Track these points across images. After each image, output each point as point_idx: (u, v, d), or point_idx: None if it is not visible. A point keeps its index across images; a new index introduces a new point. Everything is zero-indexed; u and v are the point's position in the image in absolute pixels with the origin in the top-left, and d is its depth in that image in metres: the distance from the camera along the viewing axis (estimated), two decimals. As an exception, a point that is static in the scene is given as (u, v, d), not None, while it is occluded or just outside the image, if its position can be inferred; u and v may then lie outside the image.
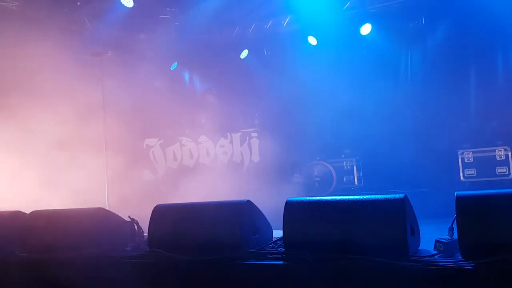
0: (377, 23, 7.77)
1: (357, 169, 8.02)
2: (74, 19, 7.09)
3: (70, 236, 3.26)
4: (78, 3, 7.09)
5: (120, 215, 3.47)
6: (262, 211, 3.11)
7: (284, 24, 8.75)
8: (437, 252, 2.48)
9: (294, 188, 6.71)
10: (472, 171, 6.81)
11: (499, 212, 2.26)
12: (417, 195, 6.20)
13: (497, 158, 6.68)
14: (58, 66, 5.57)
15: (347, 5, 7.92)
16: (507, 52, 7.41)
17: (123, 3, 7.15)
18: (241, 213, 2.85)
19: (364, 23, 7.79)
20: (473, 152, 6.85)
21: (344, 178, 7.97)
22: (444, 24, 7.50)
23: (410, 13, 7.64)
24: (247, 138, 7.13)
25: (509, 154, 6.62)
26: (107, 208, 4.49)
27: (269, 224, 3.14)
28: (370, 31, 7.83)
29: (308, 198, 2.83)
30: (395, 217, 2.47)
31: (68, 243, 3.23)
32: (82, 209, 3.52)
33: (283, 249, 2.75)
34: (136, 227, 3.39)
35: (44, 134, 5.19)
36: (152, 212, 3.14)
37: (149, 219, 3.15)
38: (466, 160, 6.88)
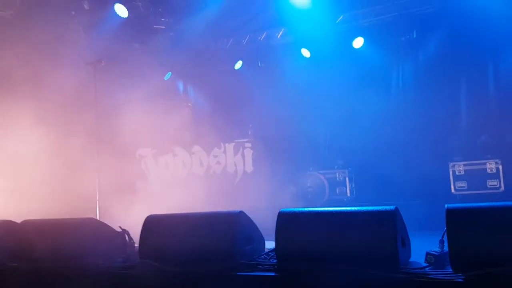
0: (369, 37, 7.87)
1: (349, 181, 8.05)
2: (69, 28, 7.10)
3: (61, 246, 3.24)
4: (73, 13, 7.12)
5: (111, 225, 3.46)
6: (255, 222, 3.11)
7: (278, 36, 8.83)
8: (427, 264, 2.49)
9: (287, 198, 6.70)
10: (463, 184, 6.85)
11: (489, 225, 2.28)
12: (409, 207, 6.24)
13: (488, 171, 6.73)
14: (52, 75, 5.56)
15: (340, 18, 8.03)
16: (498, 66, 7.52)
17: (117, 13, 7.19)
18: (234, 223, 2.85)
19: (357, 36, 7.89)
20: (464, 165, 6.89)
21: (337, 190, 7.98)
22: (435, 38, 7.61)
23: (402, 27, 7.74)
24: (241, 148, 7.14)
25: (500, 167, 6.66)
26: (98, 218, 4.48)
27: (261, 235, 3.14)
28: (363, 45, 7.93)
29: (300, 209, 2.84)
30: (386, 229, 2.49)
31: (59, 253, 3.21)
32: (73, 219, 3.51)
33: (275, 261, 2.74)
34: (127, 237, 3.37)
35: (35, 143, 5.16)
36: (144, 222, 3.13)
37: (140, 230, 3.14)
38: (457, 173, 6.92)
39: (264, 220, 3.33)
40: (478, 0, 6.96)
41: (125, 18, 7.27)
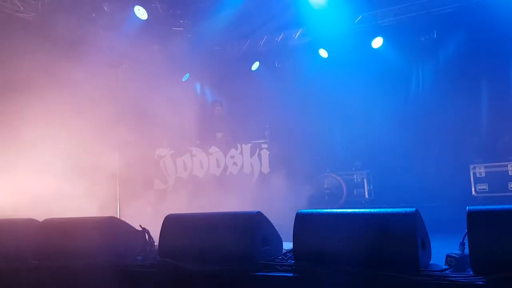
0: (388, 37, 7.81)
1: (367, 182, 7.99)
2: (89, 30, 7.23)
3: (82, 244, 3.29)
4: (93, 15, 7.24)
5: (131, 224, 3.51)
6: (272, 223, 3.12)
7: (296, 37, 8.82)
8: (448, 267, 2.46)
9: (304, 200, 6.69)
10: (484, 186, 6.74)
11: (511, 227, 2.24)
12: (429, 210, 6.17)
13: (510, 173, 6.62)
14: (72, 77, 5.67)
15: (358, 18, 7.98)
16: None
17: (137, 15, 7.29)
18: (252, 224, 2.86)
19: (376, 36, 7.83)
20: (485, 167, 6.79)
21: (355, 191, 7.94)
22: (456, 38, 7.51)
23: (421, 27, 7.66)
24: (257, 149, 7.15)
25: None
26: (118, 217, 4.55)
27: (279, 235, 3.15)
28: (382, 45, 7.87)
29: (318, 210, 2.83)
30: (406, 231, 2.46)
31: (80, 251, 3.26)
32: (94, 217, 3.56)
33: (293, 261, 2.75)
34: (147, 236, 3.41)
35: (57, 143, 5.27)
36: (163, 221, 3.17)
37: (160, 229, 3.17)
38: (478, 175, 6.82)
39: (281, 221, 3.34)
40: (498, 1, 6.85)
41: (144, 20, 7.36)
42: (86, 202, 4.89)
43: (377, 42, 7.85)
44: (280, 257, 2.90)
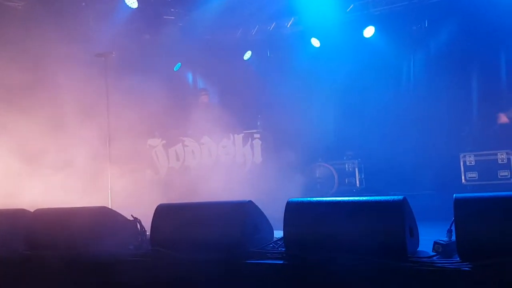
0: (380, 26, 7.81)
1: (359, 171, 8.06)
2: (79, 19, 7.14)
3: (73, 234, 3.30)
4: (83, 4, 7.16)
5: (123, 214, 3.52)
6: (264, 212, 3.14)
7: (288, 26, 8.80)
8: (435, 253, 2.51)
9: (295, 189, 6.73)
10: (474, 175, 6.83)
11: (497, 214, 2.29)
12: (419, 198, 6.26)
13: (499, 161, 6.70)
14: (62, 66, 5.62)
15: (350, 7, 7.96)
16: (510, 55, 7.43)
17: (127, 3, 7.21)
18: (243, 213, 2.88)
19: (367, 25, 7.83)
20: (475, 156, 6.87)
21: (346, 180, 8.00)
22: (447, 27, 7.53)
23: (413, 16, 7.68)
24: (250, 139, 7.16)
25: (511, 157, 6.63)
26: (110, 207, 4.55)
27: (270, 224, 3.18)
28: (373, 34, 7.87)
29: (308, 199, 2.87)
30: (394, 218, 2.50)
31: (72, 241, 3.27)
32: (85, 207, 3.56)
33: (283, 249, 2.78)
34: (138, 226, 3.43)
35: (47, 133, 5.24)
36: (155, 211, 3.18)
37: (151, 218, 3.19)
38: (468, 164, 6.90)
39: (273, 210, 3.36)
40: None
41: (135, 9, 7.29)
42: (78, 192, 4.89)
43: (369, 31, 7.86)
44: (271, 245, 2.93)
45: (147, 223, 3.29)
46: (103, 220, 3.38)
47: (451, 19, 7.50)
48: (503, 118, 6.62)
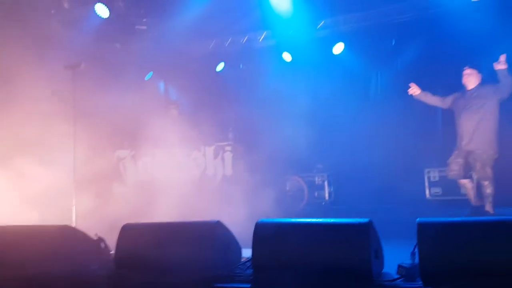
0: (349, 43, 7.98)
1: (328, 184, 8.17)
2: (48, 26, 6.97)
3: (34, 253, 3.19)
4: (53, 11, 7.00)
5: (87, 231, 3.42)
6: (233, 225, 3.13)
7: (260, 40, 8.85)
8: (399, 276, 2.56)
9: (266, 202, 6.74)
10: (437, 190, 7.02)
11: (459, 239, 2.36)
12: (385, 211, 6.38)
13: (462, 177, 6.90)
14: (29, 76, 5.46)
15: (321, 24, 8.10)
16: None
17: (98, 13, 7.10)
18: (211, 234, 2.86)
19: (337, 42, 7.98)
20: (439, 171, 7.07)
21: (316, 193, 8.10)
22: (413, 46, 7.76)
23: (381, 34, 7.87)
24: (221, 151, 7.13)
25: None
26: (74, 225, 4.43)
27: (238, 244, 3.16)
28: (343, 50, 8.02)
29: (277, 220, 2.88)
30: (360, 241, 2.54)
31: (33, 261, 3.16)
32: (47, 226, 3.46)
33: (251, 271, 2.77)
34: (103, 245, 3.35)
35: (11, 146, 5.06)
36: (120, 230, 3.12)
37: (117, 237, 3.12)
38: (432, 179, 7.10)
39: (244, 224, 3.35)
40: (454, 10, 7.13)
41: (106, 18, 7.18)
42: (41, 207, 4.73)
43: (339, 48, 8.01)
44: (239, 266, 2.91)
45: (112, 242, 3.21)
46: (66, 239, 3.29)
47: (418, 38, 7.73)
48: None
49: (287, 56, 8.50)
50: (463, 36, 7.05)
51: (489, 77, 7.37)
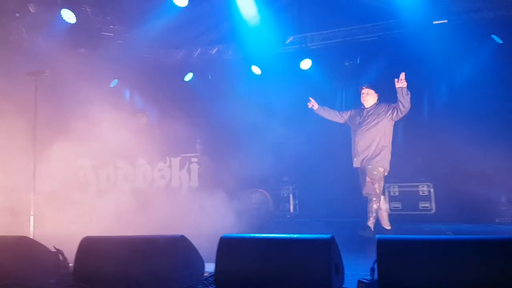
0: (316, 59, 8.16)
1: (293, 197, 8.26)
2: (12, 30, 6.77)
3: (-12, 266, 3.06)
4: (17, 15, 6.80)
5: (44, 242, 3.32)
6: (197, 238, 3.11)
7: (230, 52, 8.92)
8: (359, 291, 2.62)
9: (231, 215, 6.74)
10: (397, 204, 7.24)
11: (417, 256, 2.44)
12: (347, 224, 6.50)
13: (420, 193, 7.17)
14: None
15: (289, 39, 8.27)
16: (432, 94, 8.07)
17: (64, 18, 6.96)
18: (174, 249, 2.84)
19: (305, 58, 8.14)
20: (399, 186, 7.29)
21: (281, 206, 8.16)
22: (376, 65, 8.03)
23: (346, 52, 8.12)
24: (187, 163, 7.07)
25: (432, 190, 7.12)
26: (31, 234, 4.27)
27: (201, 259, 3.14)
28: (310, 66, 8.19)
29: (241, 235, 2.89)
30: (321, 256, 2.59)
31: (-14, 274, 3.03)
32: (3, 236, 3.32)
33: (213, 286, 2.77)
34: (61, 257, 3.25)
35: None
36: (80, 243, 3.04)
37: (76, 250, 3.04)
38: (392, 194, 7.31)
39: (207, 237, 3.34)
40: (416, 31, 7.45)
41: (72, 24, 7.04)
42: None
43: (306, 64, 8.17)
44: (202, 282, 2.90)
45: (71, 255, 3.13)
46: (22, 251, 3.17)
47: (381, 57, 8.01)
48: None
49: (256, 70, 8.59)
50: (425, 55, 7.36)
51: (449, 95, 7.73)
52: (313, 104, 6.06)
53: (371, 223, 5.43)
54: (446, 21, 7.38)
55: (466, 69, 7.52)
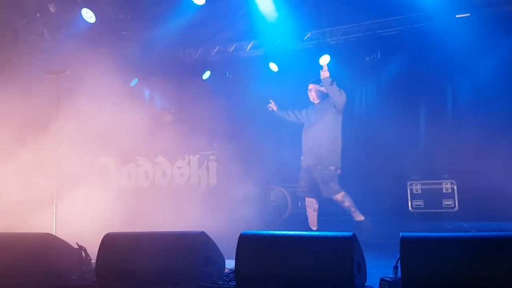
0: (335, 55, 8.05)
1: (311, 195, 8.17)
2: (33, 30, 6.89)
3: (14, 262, 3.12)
4: (38, 15, 6.92)
5: (68, 239, 3.36)
6: (217, 235, 3.11)
7: (247, 49, 8.90)
8: (381, 290, 2.57)
9: (250, 212, 6.73)
10: (420, 202, 7.11)
11: (441, 254, 2.38)
12: (368, 223, 6.41)
13: (444, 190, 7.02)
14: (14, 80, 5.37)
15: (307, 35, 8.19)
16: (455, 89, 7.88)
17: (84, 18, 7.05)
18: (195, 245, 2.84)
19: (323, 54, 8.05)
20: (421, 184, 7.16)
21: (299, 204, 8.09)
22: (398, 59, 7.89)
23: (366, 47, 7.99)
24: (205, 160, 7.09)
25: (455, 187, 6.97)
26: (54, 233, 4.34)
27: (222, 255, 3.15)
28: (329, 62, 8.08)
29: (261, 232, 2.87)
30: (343, 254, 2.55)
31: (12, 269, 3.09)
32: (28, 233, 3.39)
33: (234, 283, 2.76)
34: (83, 254, 3.29)
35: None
36: (102, 240, 3.07)
37: (98, 246, 3.07)
38: (414, 192, 7.18)
39: (227, 234, 3.33)
40: (438, 25, 7.29)
41: (92, 23, 7.13)
42: (21, 215, 4.64)
43: (325, 59, 8.07)
44: (222, 278, 2.89)
45: (94, 251, 3.16)
46: (47, 247, 3.22)
47: (402, 52, 7.87)
48: None
49: (273, 67, 8.54)
50: (447, 50, 7.21)
51: (473, 91, 7.56)
52: (272, 107, 5.84)
53: (357, 216, 5.26)
54: (468, 14, 7.20)
55: (490, 64, 7.33)
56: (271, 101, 5.95)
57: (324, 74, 5.16)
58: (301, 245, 2.68)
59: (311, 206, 5.54)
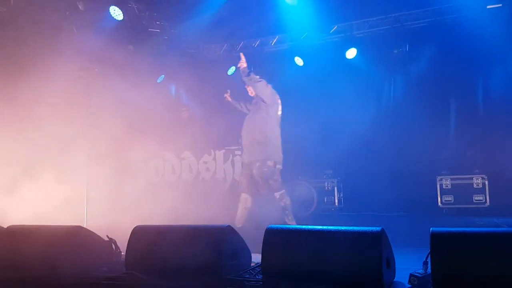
0: (362, 48, 7.93)
1: (338, 190, 8.12)
2: (63, 28, 7.05)
3: (46, 253, 3.21)
4: (67, 13, 7.08)
5: (98, 232, 3.45)
6: (243, 229, 3.13)
7: (272, 44, 8.87)
8: (411, 286, 2.53)
9: (274, 207, 6.74)
10: (449, 198, 6.95)
11: (472, 250, 2.33)
12: (396, 218, 6.31)
13: (474, 186, 6.84)
14: (45, 77, 5.52)
15: (334, 28, 8.09)
16: (487, 81, 7.64)
17: (112, 15, 7.17)
18: (221, 238, 2.86)
19: (350, 47, 7.94)
20: (451, 179, 7.00)
21: (325, 199, 8.05)
22: (427, 52, 7.69)
23: (394, 40, 7.83)
24: (231, 155, 7.15)
25: (486, 182, 6.78)
26: (85, 225, 4.46)
27: (248, 249, 3.16)
28: (356, 55, 7.98)
29: (287, 226, 2.87)
30: (372, 250, 2.52)
31: (44, 260, 3.18)
32: (60, 226, 3.48)
33: (260, 276, 2.76)
34: (114, 247, 3.37)
35: (28, 147, 5.12)
36: (131, 233, 3.13)
37: (128, 239, 3.13)
38: (444, 187, 7.02)
39: (252, 228, 3.35)
40: (468, 17, 7.08)
41: (120, 20, 7.25)
42: (54, 208, 4.77)
43: (351, 53, 7.97)
44: (248, 271, 2.91)
45: (123, 244, 3.23)
46: (78, 240, 3.31)
47: (431, 44, 7.67)
48: None
49: (299, 61, 8.49)
50: (478, 42, 6.98)
51: (504, 84, 7.31)
52: (227, 98, 5.70)
53: (289, 220, 4.99)
54: (500, 5, 6.95)
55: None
56: (227, 90, 5.78)
57: (241, 64, 4.90)
58: (329, 239, 2.66)
59: (244, 203, 5.14)
